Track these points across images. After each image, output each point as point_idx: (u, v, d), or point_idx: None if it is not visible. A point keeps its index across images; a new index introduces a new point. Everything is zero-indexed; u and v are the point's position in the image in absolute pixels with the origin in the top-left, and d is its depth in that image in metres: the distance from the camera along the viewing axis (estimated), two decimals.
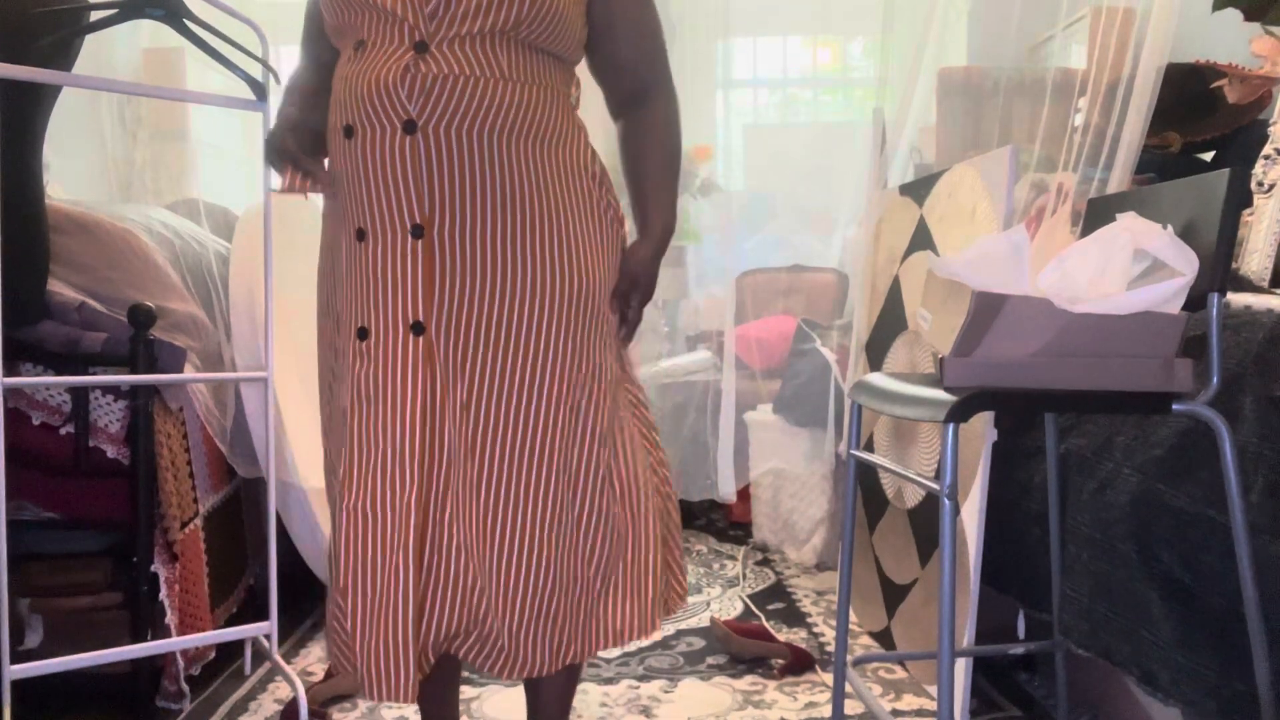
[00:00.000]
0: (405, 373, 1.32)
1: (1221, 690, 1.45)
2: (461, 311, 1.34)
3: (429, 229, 1.33)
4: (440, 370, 1.35)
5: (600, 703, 2.09)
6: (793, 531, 3.19)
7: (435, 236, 1.33)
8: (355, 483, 1.31)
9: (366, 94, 1.32)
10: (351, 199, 1.36)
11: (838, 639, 1.82)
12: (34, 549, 1.99)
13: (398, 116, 1.31)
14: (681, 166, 1.55)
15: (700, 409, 3.38)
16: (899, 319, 2.36)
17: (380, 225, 1.34)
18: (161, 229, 2.38)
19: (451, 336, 1.35)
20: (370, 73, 1.33)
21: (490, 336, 1.35)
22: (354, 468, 1.32)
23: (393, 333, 1.33)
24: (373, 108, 1.32)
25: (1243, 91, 2.24)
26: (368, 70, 1.33)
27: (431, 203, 1.33)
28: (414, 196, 1.32)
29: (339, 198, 1.41)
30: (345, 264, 1.40)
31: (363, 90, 1.32)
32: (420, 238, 1.33)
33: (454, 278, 1.34)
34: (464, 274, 1.34)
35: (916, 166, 3.01)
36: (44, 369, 1.97)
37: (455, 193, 1.33)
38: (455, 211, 1.33)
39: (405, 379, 1.32)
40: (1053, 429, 1.78)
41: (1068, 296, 1.40)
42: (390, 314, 1.33)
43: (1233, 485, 1.35)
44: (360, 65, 1.35)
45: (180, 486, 2.06)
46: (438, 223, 1.33)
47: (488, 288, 1.35)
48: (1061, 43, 2.94)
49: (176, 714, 2.02)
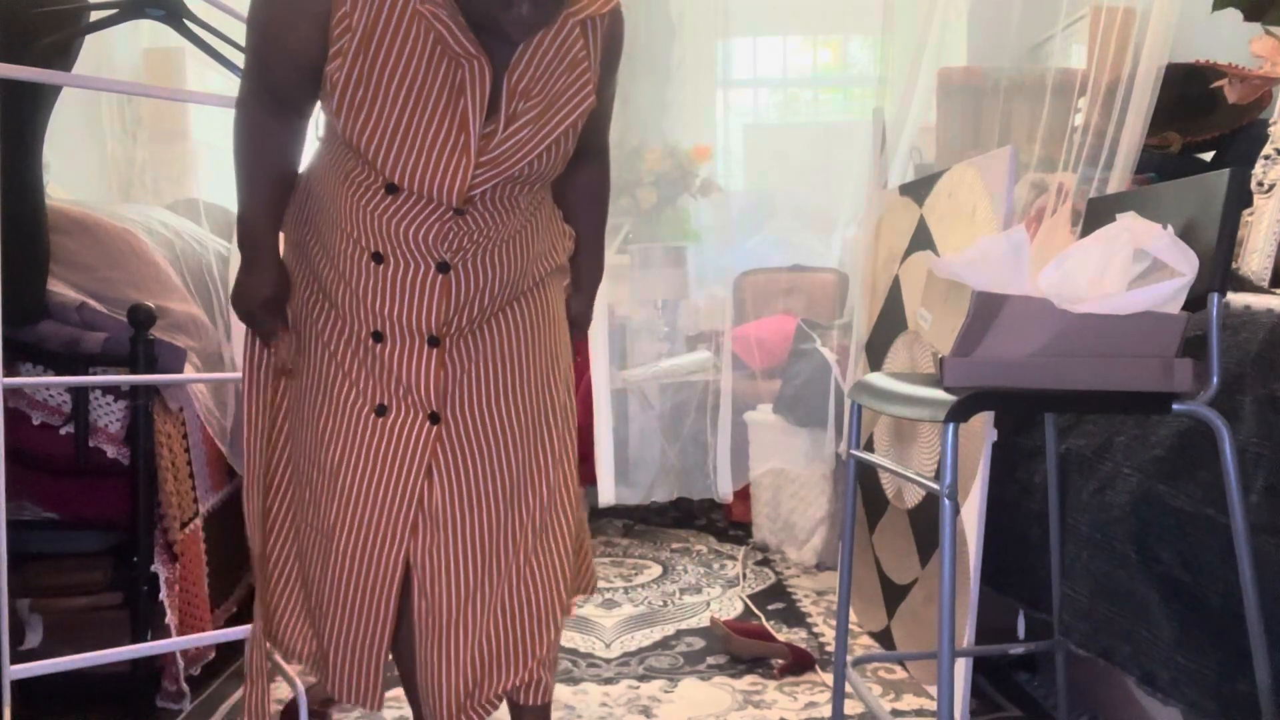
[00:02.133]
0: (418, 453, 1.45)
1: (1221, 690, 1.45)
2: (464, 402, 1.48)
3: (444, 339, 1.45)
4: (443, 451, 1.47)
5: (600, 703, 2.09)
6: (793, 531, 3.19)
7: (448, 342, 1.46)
8: (349, 526, 1.44)
9: (405, 238, 1.39)
10: (365, 308, 1.43)
11: (838, 639, 1.82)
12: (34, 549, 1.99)
13: (434, 258, 1.41)
14: (682, 166, 1.59)
15: (700, 409, 3.38)
16: (899, 319, 2.36)
17: (400, 332, 1.43)
18: (161, 229, 2.38)
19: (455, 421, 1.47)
20: (408, 222, 1.39)
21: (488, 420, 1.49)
22: (349, 516, 1.44)
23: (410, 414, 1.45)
24: (410, 250, 1.40)
25: (1243, 91, 2.24)
26: (404, 218, 1.39)
27: (450, 317, 1.44)
28: (435, 316, 1.43)
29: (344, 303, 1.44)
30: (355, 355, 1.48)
31: (401, 234, 1.39)
32: (436, 346, 1.45)
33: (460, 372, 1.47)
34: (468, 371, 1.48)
35: (916, 166, 3.01)
36: (44, 369, 1.97)
37: (472, 306, 1.45)
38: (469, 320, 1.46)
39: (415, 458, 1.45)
40: (1053, 429, 1.78)
41: (1068, 296, 1.40)
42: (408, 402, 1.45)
43: (1233, 485, 1.35)
44: (395, 208, 1.38)
45: (180, 486, 2.06)
46: (452, 331, 1.46)
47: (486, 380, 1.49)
48: (1061, 43, 2.93)
49: (176, 714, 2.02)
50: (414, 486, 1.45)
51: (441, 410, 1.46)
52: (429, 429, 1.45)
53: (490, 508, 1.50)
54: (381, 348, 1.44)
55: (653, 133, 3.62)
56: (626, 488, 3.38)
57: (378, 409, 1.45)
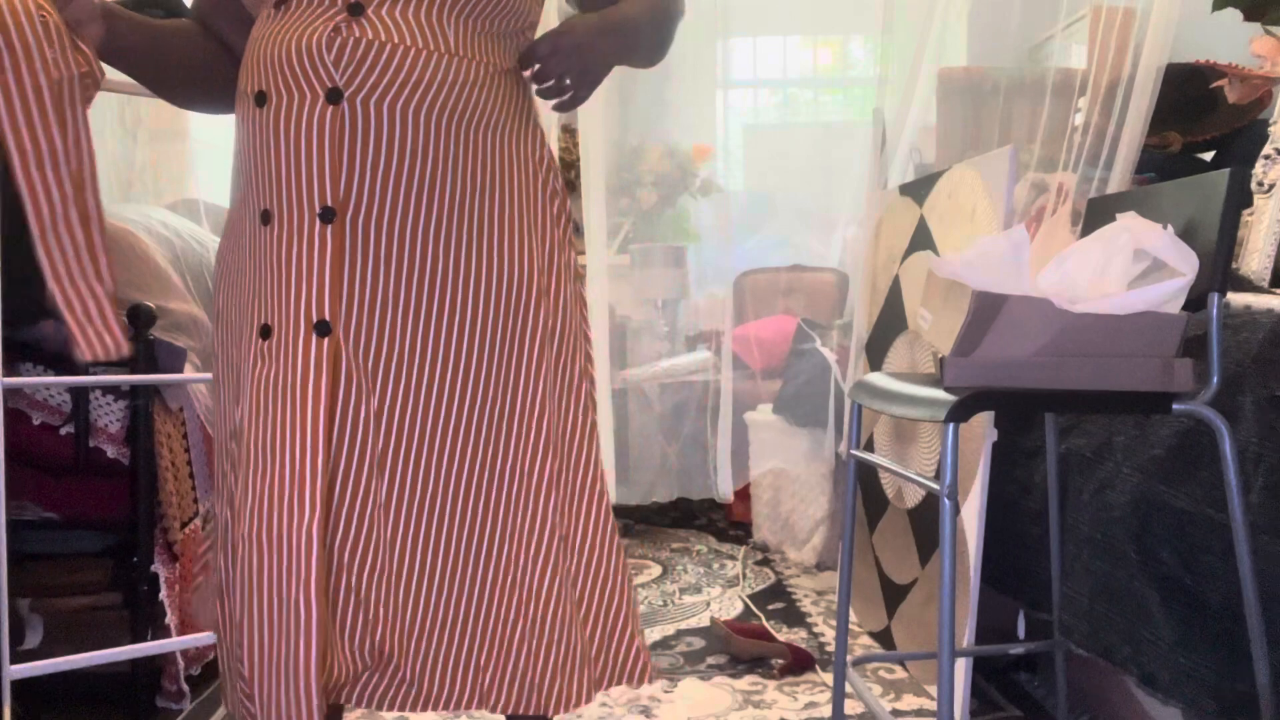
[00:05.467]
0: (307, 378, 1.15)
1: (1221, 690, 1.45)
2: (374, 309, 1.18)
3: (341, 214, 1.17)
4: (349, 375, 1.18)
5: (600, 702, 2.09)
6: (793, 531, 3.19)
7: (348, 222, 1.17)
8: (250, 506, 1.13)
9: (286, 56, 1.16)
10: (258, 176, 1.19)
11: (838, 639, 1.82)
12: (34, 549, 1.99)
13: (321, 84, 1.15)
14: (682, 166, 1.52)
15: (700, 409, 3.38)
16: (899, 319, 2.36)
17: (288, 207, 1.17)
18: (161, 229, 2.38)
19: (362, 337, 1.18)
20: (293, 33, 1.16)
21: (406, 338, 1.20)
22: (249, 489, 1.14)
23: (295, 332, 1.16)
24: (293, 72, 1.15)
25: (1243, 91, 2.24)
26: (290, 30, 1.17)
27: (348, 184, 1.17)
28: (328, 175, 1.15)
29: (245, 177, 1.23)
30: (250, 253, 1.22)
31: (282, 52, 1.16)
32: (330, 222, 1.16)
33: (365, 270, 1.18)
34: (376, 266, 1.18)
35: (916, 166, 3.01)
36: (44, 369, 1.97)
37: (376, 174, 1.17)
38: (373, 195, 1.17)
39: (305, 385, 1.15)
40: (1053, 429, 1.78)
41: (1068, 296, 1.40)
42: (293, 310, 1.16)
43: (1233, 485, 1.35)
44: (280, 24, 1.18)
45: (180, 486, 2.06)
46: (352, 207, 1.17)
47: (403, 282, 1.19)
48: (1061, 43, 2.94)
49: (176, 714, 2.02)
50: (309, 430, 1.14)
51: (336, 322, 1.17)
52: (315, 344, 1.15)
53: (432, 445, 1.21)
54: (269, 232, 1.18)
55: (653, 133, 3.63)
56: (626, 488, 3.38)
57: (261, 330, 1.17)
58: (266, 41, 1.19)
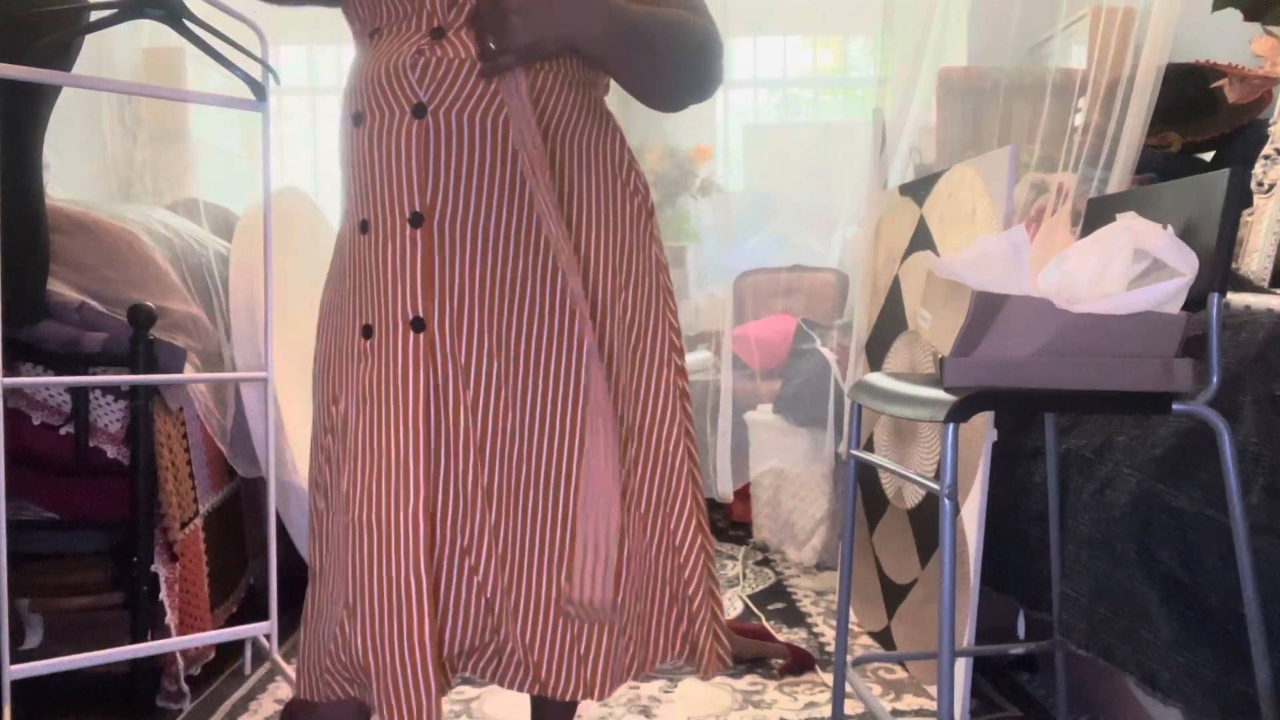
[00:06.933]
0: (405, 372, 1.24)
1: (1221, 690, 1.45)
2: (463, 305, 1.27)
3: (429, 218, 1.26)
4: (443, 367, 1.27)
5: (600, 702, 2.09)
6: (793, 531, 3.19)
7: (435, 226, 1.27)
8: (359, 494, 1.22)
9: (377, 79, 1.27)
10: (358, 190, 1.31)
11: (838, 639, 1.82)
12: (34, 549, 1.99)
13: (407, 100, 1.25)
14: (682, 166, 1.52)
15: (700, 409, 3.38)
16: (899, 319, 2.36)
17: (382, 215, 1.28)
18: (161, 229, 2.38)
19: (453, 332, 1.27)
20: (383, 59, 1.27)
21: (492, 332, 1.28)
22: (357, 478, 1.23)
23: (394, 330, 1.25)
24: (383, 92, 1.26)
25: (1243, 91, 2.24)
26: (381, 57, 1.28)
27: (434, 190, 1.26)
28: (416, 183, 1.26)
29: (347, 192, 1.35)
30: (351, 260, 1.33)
31: (373, 76, 1.27)
32: (419, 227, 1.26)
33: (453, 269, 1.27)
34: (463, 265, 1.27)
35: (916, 166, 3.02)
36: (44, 369, 1.97)
37: (459, 180, 1.26)
38: (457, 199, 1.27)
39: (405, 379, 1.24)
40: (1053, 429, 1.78)
41: (1068, 296, 1.40)
42: (391, 309, 1.26)
43: (1233, 485, 1.35)
44: (374, 53, 1.29)
45: (180, 486, 2.06)
46: (439, 211, 1.26)
47: (489, 279, 1.28)
48: (1061, 43, 2.94)
49: (176, 714, 2.02)
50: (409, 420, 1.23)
51: (430, 318, 1.26)
52: (412, 340, 1.24)
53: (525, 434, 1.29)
54: (367, 241, 1.28)
55: (653, 133, 3.63)
56: None
57: (364, 330, 1.27)
58: (362, 69, 1.31)
